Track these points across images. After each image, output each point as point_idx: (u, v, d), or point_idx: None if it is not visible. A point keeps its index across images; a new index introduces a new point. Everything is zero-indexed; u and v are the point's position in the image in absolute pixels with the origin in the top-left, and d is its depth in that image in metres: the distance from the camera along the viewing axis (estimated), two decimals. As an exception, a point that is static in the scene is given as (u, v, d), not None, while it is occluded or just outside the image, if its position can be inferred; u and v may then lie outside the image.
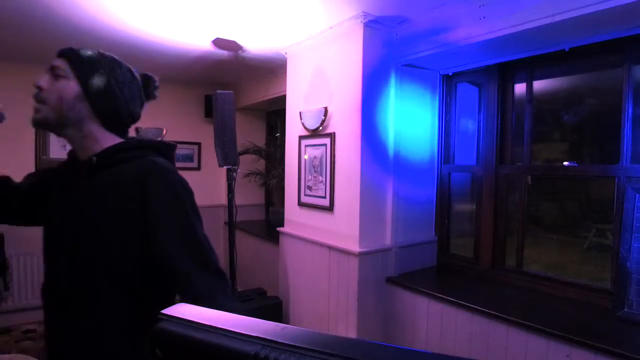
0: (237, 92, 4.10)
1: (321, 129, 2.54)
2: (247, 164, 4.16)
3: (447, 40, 2.08)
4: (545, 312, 1.83)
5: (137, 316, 0.93)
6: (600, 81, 2.14)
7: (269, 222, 4.22)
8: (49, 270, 0.98)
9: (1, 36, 2.73)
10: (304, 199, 2.73)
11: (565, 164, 2.27)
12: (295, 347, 0.37)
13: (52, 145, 3.58)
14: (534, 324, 1.70)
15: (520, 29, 1.78)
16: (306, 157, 2.71)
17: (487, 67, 2.33)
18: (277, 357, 0.37)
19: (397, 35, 2.35)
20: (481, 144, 2.44)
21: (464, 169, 2.63)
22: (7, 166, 3.46)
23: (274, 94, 3.67)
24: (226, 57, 3.14)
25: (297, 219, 2.83)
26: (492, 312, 1.86)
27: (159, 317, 0.48)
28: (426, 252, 2.62)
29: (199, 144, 4.38)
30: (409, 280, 2.36)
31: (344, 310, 2.41)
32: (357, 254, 2.27)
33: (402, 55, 2.35)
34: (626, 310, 1.69)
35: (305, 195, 2.73)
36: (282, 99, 3.10)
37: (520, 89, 2.29)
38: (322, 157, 2.55)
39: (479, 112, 2.47)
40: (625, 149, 1.84)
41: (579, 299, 1.95)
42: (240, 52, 3.01)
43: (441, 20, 2.11)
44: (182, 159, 4.23)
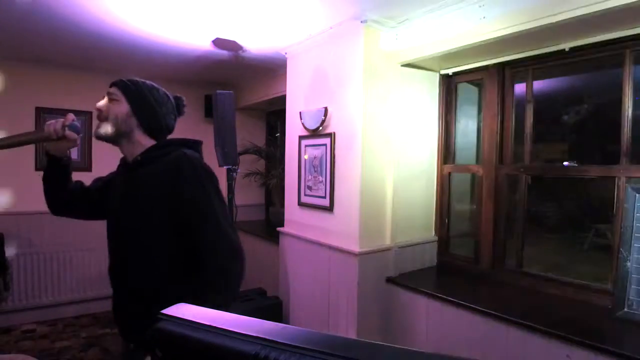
0: (237, 92, 4.10)
1: (321, 129, 2.54)
2: (247, 164, 4.15)
3: (447, 40, 2.08)
4: (545, 312, 1.83)
5: (174, 266, 1.21)
6: (600, 81, 2.14)
7: (269, 222, 4.21)
8: (112, 246, 1.27)
9: (1, 37, 2.73)
10: (304, 199, 2.73)
11: (565, 164, 2.27)
12: (295, 347, 0.37)
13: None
14: (534, 324, 1.70)
15: (520, 29, 1.78)
16: (306, 157, 2.71)
17: (487, 67, 2.33)
18: (277, 357, 0.37)
19: (397, 35, 2.35)
20: (481, 144, 2.44)
21: (463, 169, 2.63)
22: (7, 166, 3.48)
23: (274, 94, 3.67)
24: (226, 57, 3.14)
25: (297, 219, 2.83)
26: (492, 312, 1.86)
27: (159, 317, 0.48)
28: (426, 252, 2.62)
29: (199, 144, 4.37)
30: (408, 280, 2.36)
31: (344, 310, 2.41)
32: (357, 254, 2.27)
33: (402, 55, 2.35)
34: (626, 310, 1.69)
35: (305, 195, 2.73)
36: (282, 99, 3.10)
37: (520, 89, 2.28)
38: (322, 157, 2.55)
39: (479, 112, 2.47)
40: (625, 149, 1.84)
41: (579, 299, 1.95)
42: (240, 52, 3.01)
43: (441, 20, 2.11)
44: None
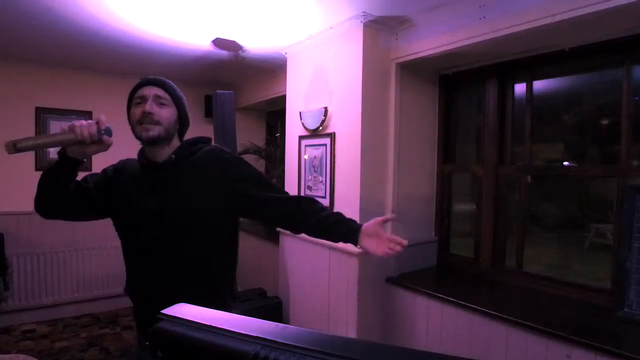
0: (237, 92, 4.10)
1: (321, 129, 2.54)
2: (247, 164, 4.15)
3: (447, 40, 2.08)
4: (545, 312, 1.83)
5: (223, 250, 1.33)
6: (600, 81, 2.14)
7: (269, 222, 4.22)
8: (148, 239, 1.28)
9: (1, 37, 2.73)
10: (304, 199, 2.73)
11: (565, 164, 2.27)
12: (295, 347, 0.37)
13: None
14: (534, 324, 1.70)
15: (520, 29, 1.78)
16: (306, 157, 2.71)
17: (487, 67, 2.33)
18: (277, 357, 0.37)
19: (397, 35, 2.35)
20: (481, 144, 2.44)
21: (463, 169, 2.63)
22: (7, 166, 3.47)
23: (274, 94, 3.67)
24: (226, 57, 3.13)
25: (297, 219, 2.83)
26: (492, 312, 1.86)
27: (159, 317, 0.48)
28: (426, 252, 2.62)
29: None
30: (408, 280, 2.36)
31: (344, 310, 2.41)
32: (357, 254, 2.27)
33: (402, 55, 2.34)
34: (626, 310, 1.69)
35: (305, 195, 2.73)
36: (282, 99, 3.10)
37: (520, 89, 2.28)
38: (322, 157, 2.55)
39: (479, 112, 2.47)
40: (625, 149, 1.84)
41: (579, 299, 1.95)
42: (240, 52, 3.01)
43: (441, 20, 2.11)
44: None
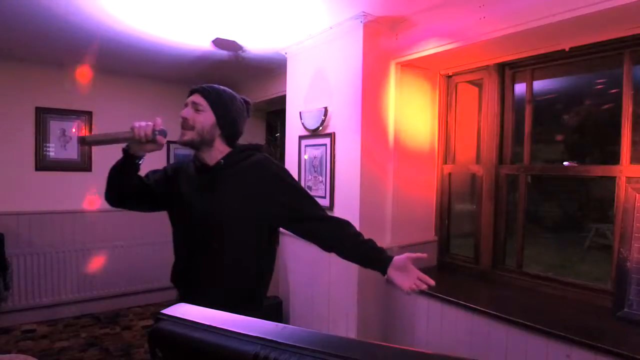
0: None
1: (321, 129, 2.54)
2: (247, 164, 4.15)
3: (447, 40, 2.08)
4: (545, 312, 1.83)
5: (260, 252, 1.37)
6: (600, 81, 2.14)
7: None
8: (191, 235, 1.36)
9: (1, 37, 2.73)
10: (304, 199, 2.73)
11: (565, 163, 2.27)
12: (295, 347, 0.37)
13: (51, 144, 3.58)
14: (534, 324, 1.69)
15: (520, 29, 1.78)
16: (306, 157, 2.71)
17: (487, 67, 2.33)
18: (277, 357, 0.37)
19: (397, 35, 2.35)
20: (481, 144, 2.44)
21: (464, 169, 2.63)
22: (7, 166, 3.47)
23: (274, 94, 3.67)
24: (226, 57, 3.13)
25: (297, 219, 2.83)
26: (492, 312, 1.86)
27: (159, 317, 0.48)
28: (426, 252, 2.59)
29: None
30: (409, 280, 2.35)
31: (344, 310, 2.40)
32: (357, 254, 2.27)
33: (402, 55, 2.34)
34: (626, 310, 1.69)
35: (305, 195, 2.73)
36: (282, 99, 3.10)
37: (520, 89, 2.28)
38: (322, 157, 2.55)
39: (479, 112, 2.47)
40: (625, 149, 1.84)
41: (579, 299, 1.95)
42: (240, 52, 3.00)
43: (441, 20, 2.10)
44: (183, 159, 4.22)
